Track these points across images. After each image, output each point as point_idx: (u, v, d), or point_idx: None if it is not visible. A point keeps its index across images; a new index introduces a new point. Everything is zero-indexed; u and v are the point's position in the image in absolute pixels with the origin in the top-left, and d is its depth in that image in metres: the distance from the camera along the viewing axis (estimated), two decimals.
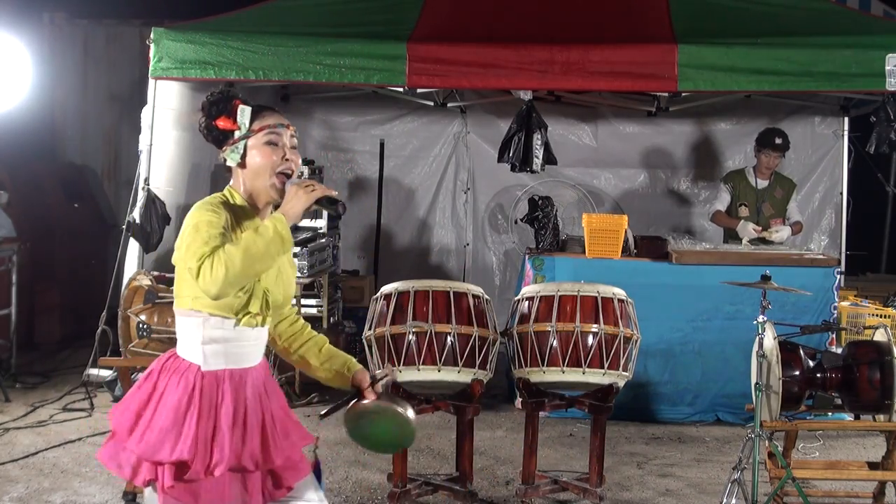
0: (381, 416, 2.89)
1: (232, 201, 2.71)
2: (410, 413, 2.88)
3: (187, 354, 2.66)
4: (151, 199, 6.29)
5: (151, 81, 6.33)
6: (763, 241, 6.65)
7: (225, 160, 2.74)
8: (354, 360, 2.98)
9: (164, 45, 6.18)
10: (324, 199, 2.66)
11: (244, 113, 2.70)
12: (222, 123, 2.70)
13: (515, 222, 7.43)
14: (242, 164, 2.71)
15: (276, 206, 2.67)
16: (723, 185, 7.01)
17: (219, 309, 2.60)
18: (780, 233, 6.67)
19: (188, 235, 2.56)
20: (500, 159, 6.73)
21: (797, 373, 4.32)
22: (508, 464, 5.26)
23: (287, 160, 2.71)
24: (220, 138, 2.72)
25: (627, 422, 6.07)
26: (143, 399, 2.63)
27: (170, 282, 4.88)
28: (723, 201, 6.95)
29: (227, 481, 2.62)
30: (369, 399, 2.89)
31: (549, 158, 6.61)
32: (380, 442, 3.01)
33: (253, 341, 2.71)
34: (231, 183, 2.76)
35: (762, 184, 6.91)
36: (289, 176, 2.71)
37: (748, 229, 6.66)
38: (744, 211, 6.89)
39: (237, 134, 2.70)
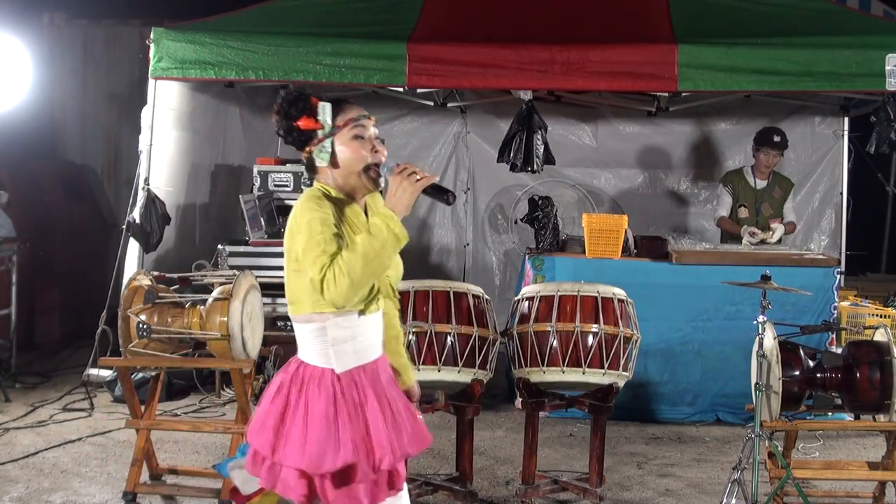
0: None
1: (332, 195, 2.65)
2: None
3: (317, 360, 2.62)
4: (151, 199, 6.29)
5: (151, 81, 6.33)
6: (763, 241, 6.64)
7: (310, 161, 2.67)
8: (412, 373, 3.04)
9: (164, 45, 6.18)
10: (430, 188, 2.56)
11: (325, 110, 2.63)
12: (304, 124, 2.63)
13: (515, 222, 7.43)
14: (334, 164, 2.65)
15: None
16: (722, 187, 6.99)
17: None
18: (777, 233, 6.67)
19: (303, 237, 2.51)
20: (499, 159, 6.73)
21: (797, 373, 4.32)
22: (508, 464, 5.26)
23: (376, 152, 2.66)
24: (302, 139, 2.66)
25: (627, 422, 6.06)
26: (279, 412, 2.59)
27: (169, 282, 4.87)
28: (725, 205, 6.93)
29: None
30: None
31: (548, 158, 6.62)
32: None
33: (374, 330, 2.69)
34: (318, 179, 2.70)
35: (761, 184, 6.91)
36: (379, 166, 2.65)
37: (746, 235, 6.64)
38: (743, 212, 6.88)
39: (321, 133, 2.63)
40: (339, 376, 2.60)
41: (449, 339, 4.30)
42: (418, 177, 2.53)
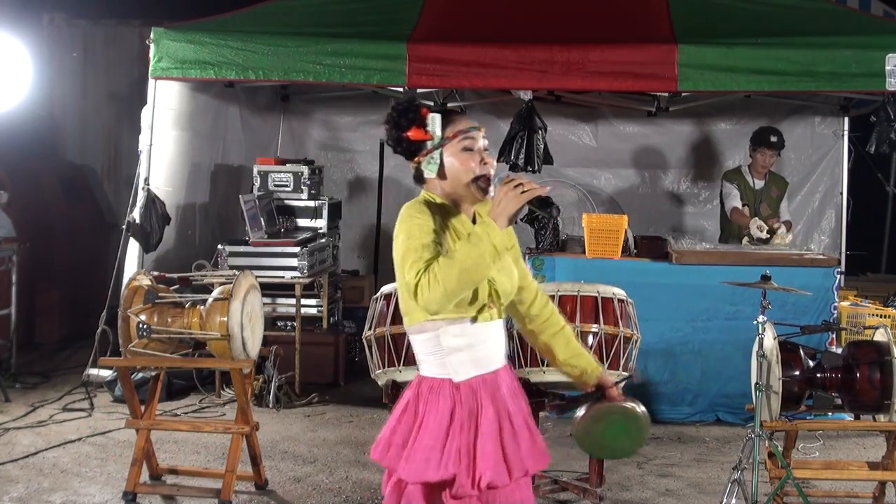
0: (626, 419, 2.86)
1: (435, 203, 2.65)
2: (647, 420, 2.88)
3: (435, 371, 2.61)
4: (151, 199, 6.29)
5: (151, 81, 6.33)
6: (773, 233, 6.62)
7: (418, 171, 2.67)
8: (594, 360, 2.93)
9: (163, 45, 6.18)
10: (535, 201, 2.54)
11: (435, 121, 2.61)
12: (413, 134, 2.60)
13: (515, 222, 7.43)
14: (441, 175, 2.64)
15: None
16: (728, 183, 6.97)
17: (453, 312, 2.55)
18: (787, 237, 6.66)
19: (402, 245, 2.52)
20: (499, 159, 6.72)
21: (797, 373, 4.32)
22: None
23: (485, 164, 2.64)
24: (411, 150, 2.64)
25: None
26: (408, 430, 2.60)
27: (169, 282, 4.87)
28: (735, 197, 6.89)
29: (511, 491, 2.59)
30: (613, 400, 2.86)
31: (547, 158, 6.63)
32: (613, 446, 2.95)
33: (493, 340, 2.65)
34: (426, 188, 2.69)
35: (759, 184, 6.91)
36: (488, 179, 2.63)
37: (754, 227, 6.64)
38: (745, 211, 6.88)
39: (430, 144, 2.61)
40: (458, 385, 2.59)
41: None
42: (525, 189, 2.51)
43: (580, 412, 2.87)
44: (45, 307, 8.08)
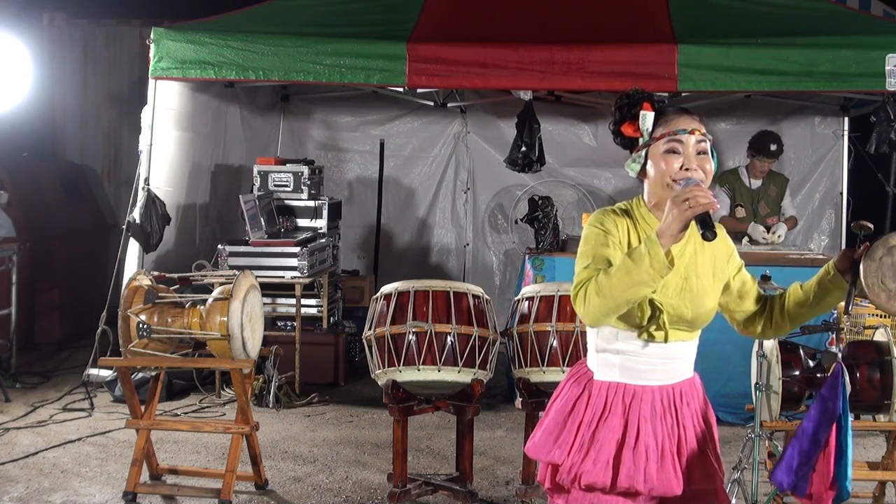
0: None
1: (636, 210, 2.53)
2: None
3: (589, 361, 2.59)
4: (151, 199, 6.29)
5: (151, 81, 6.33)
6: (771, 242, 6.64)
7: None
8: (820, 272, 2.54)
9: (164, 45, 6.18)
10: (697, 217, 2.28)
11: (646, 119, 2.45)
12: (626, 130, 2.49)
13: (515, 222, 7.44)
14: (643, 177, 2.50)
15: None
16: (719, 187, 6.97)
17: (613, 322, 2.46)
18: (780, 231, 6.68)
19: (580, 248, 2.51)
20: (507, 159, 6.75)
21: (797, 373, 4.32)
22: (508, 464, 5.25)
23: (686, 169, 2.40)
24: (628, 144, 2.52)
25: None
26: (555, 408, 2.61)
27: (169, 282, 4.87)
28: (724, 205, 6.90)
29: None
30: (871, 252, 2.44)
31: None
32: None
33: (657, 359, 2.53)
34: (643, 189, 2.56)
35: (756, 183, 6.90)
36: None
37: (758, 232, 6.64)
38: (740, 212, 6.87)
39: (641, 142, 2.47)
40: (595, 383, 2.54)
41: (449, 339, 4.30)
42: (689, 204, 2.26)
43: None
44: (45, 307, 8.08)
